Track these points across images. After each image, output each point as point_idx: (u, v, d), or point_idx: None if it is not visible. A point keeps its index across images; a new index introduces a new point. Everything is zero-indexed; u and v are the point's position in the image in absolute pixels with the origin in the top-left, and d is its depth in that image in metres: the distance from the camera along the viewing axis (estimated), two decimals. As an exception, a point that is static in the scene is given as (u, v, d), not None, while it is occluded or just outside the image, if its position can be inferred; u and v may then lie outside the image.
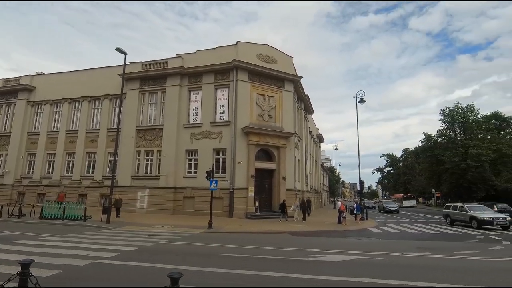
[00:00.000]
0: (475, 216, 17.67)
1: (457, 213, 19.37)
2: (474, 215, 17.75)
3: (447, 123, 44.36)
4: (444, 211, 21.69)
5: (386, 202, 42.12)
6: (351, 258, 8.33)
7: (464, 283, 5.93)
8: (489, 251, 10.04)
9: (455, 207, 20.22)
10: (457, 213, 19.37)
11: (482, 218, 17.30)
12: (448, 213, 20.57)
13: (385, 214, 33.99)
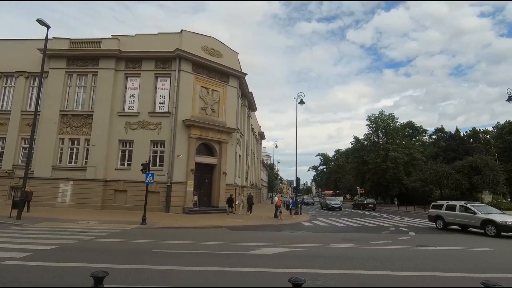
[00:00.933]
0: (492, 220, 13.52)
1: (458, 215, 15.35)
2: (491, 218, 13.69)
3: (372, 128, 49.79)
4: (433, 211, 17.20)
5: (330, 199, 39.61)
6: (284, 250, 8.75)
7: (381, 270, 6.74)
8: (399, 241, 11.58)
9: (451, 206, 16.06)
10: (458, 215, 15.35)
11: (505, 223, 13.11)
12: (439, 215, 16.39)
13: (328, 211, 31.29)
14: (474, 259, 8.46)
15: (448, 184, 34.77)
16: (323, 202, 38.03)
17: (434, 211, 17.12)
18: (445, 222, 16.01)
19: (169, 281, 5.46)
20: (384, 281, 5.85)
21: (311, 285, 5.24)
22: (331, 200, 37.66)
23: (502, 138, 53.81)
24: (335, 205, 34.03)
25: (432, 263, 7.59)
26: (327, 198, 40.84)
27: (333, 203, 34.52)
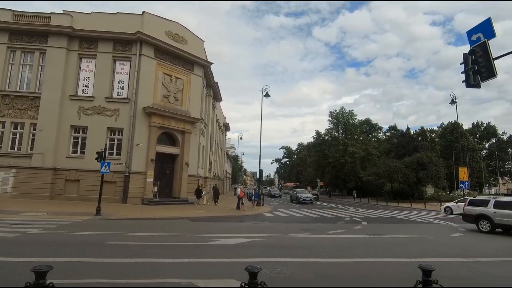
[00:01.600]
0: None
1: None
2: None
3: (333, 124, 51.93)
4: (472, 209, 13.19)
5: (301, 191, 34.25)
6: (244, 241, 8.84)
7: (334, 257, 7.11)
8: (353, 230, 12.33)
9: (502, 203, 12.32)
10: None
11: None
12: (484, 214, 12.48)
13: (299, 205, 28.17)
14: (417, 245, 9.30)
15: (398, 178, 37.67)
16: (293, 195, 33.27)
17: (473, 209, 13.11)
18: (494, 223, 12.16)
19: (124, 274, 5.23)
20: (336, 268, 6.19)
21: (268, 274, 5.37)
22: (302, 193, 32.87)
23: (444, 137, 59.53)
24: (307, 199, 30.12)
25: (379, 250, 8.20)
26: (297, 191, 34.60)
27: (304, 196, 30.53)
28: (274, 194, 45.63)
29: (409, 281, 2.78)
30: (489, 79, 6.84)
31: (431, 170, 36.05)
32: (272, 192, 47.69)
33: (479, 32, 6.88)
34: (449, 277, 5.68)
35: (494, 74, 6.60)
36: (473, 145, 62.52)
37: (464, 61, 7.13)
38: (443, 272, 6.08)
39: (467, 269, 6.43)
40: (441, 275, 5.76)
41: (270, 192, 46.75)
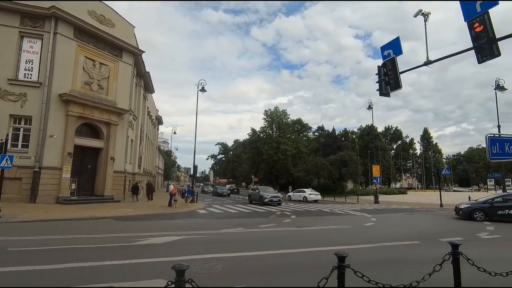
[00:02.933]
0: None
1: None
2: None
3: (268, 122, 53.83)
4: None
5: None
6: (175, 238, 8.55)
7: (264, 250, 7.40)
8: (283, 223, 13.02)
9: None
10: None
11: None
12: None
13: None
14: (337, 234, 10.33)
15: (324, 174, 41.22)
16: (254, 194, 25.77)
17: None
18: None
19: (34, 282, 4.52)
20: (266, 259, 6.47)
21: (199, 270, 5.30)
22: (265, 190, 25.55)
23: (362, 138, 67.49)
24: (274, 199, 23.52)
25: (306, 241, 8.86)
26: (260, 189, 26.62)
27: (271, 196, 23.71)
28: (222, 193, 37.92)
29: (328, 267, 3.07)
30: (396, 89, 7.99)
31: (351, 167, 40.39)
32: (218, 190, 39.39)
33: (390, 49, 7.97)
34: (360, 260, 6.45)
35: (399, 86, 7.74)
36: (385, 146, 72.34)
37: (378, 73, 8.17)
38: (356, 257, 6.90)
39: (373, 253, 7.42)
40: (354, 260, 6.56)
41: (216, 190, 39.51)
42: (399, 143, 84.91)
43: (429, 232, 10.75)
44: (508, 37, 6.13)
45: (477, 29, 6.38)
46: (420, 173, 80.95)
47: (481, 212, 14.51)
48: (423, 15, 7.90)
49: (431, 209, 21.38)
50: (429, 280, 3.73)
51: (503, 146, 3.42)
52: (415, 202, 29.46)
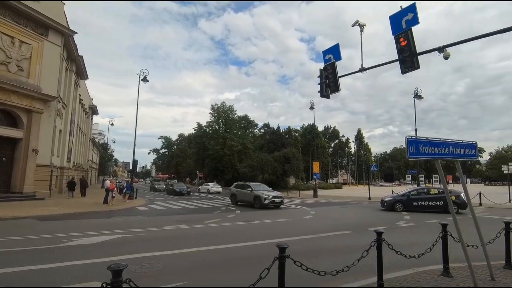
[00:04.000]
0: None
1: None
2: None
3: (215, 117, 53.35)
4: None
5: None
6: (112, 238, 7.98)
7: (212, 245, 7.36)
8: (227, 218, 13.09)
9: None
10: None
11: None
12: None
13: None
14: (280, 227, 10.79)
15: (268, 170, 42.52)
16: (245, 194, 19.54)
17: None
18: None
19: None
20: (209, 255, 6.46)
21: (138, 270, 5.06)
22: (261, 188, 19.71)
23: (305, 136, 71.19)
24: (277, 200, 18.16)
25: (250, 235, 9.07)
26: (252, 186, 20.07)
27: (274, 196, 18.07)
28: (180, 191, 29.82)
29: (271, 259, 3.21)
30: (335, 92, 8.64)
31: (294, 163, 42.43)
32: (176, 187, 30.78)
33: (331, 54, 8.58)
34: (300, 251, 6.88)
35: (338, 89, 8.39)
36: (324, 144, 77.55)
37: (320, 75, 8.74)
38: (297, 248, 7.33)
39: (312, 243, 7.98)
40: (295, 250, 6.97)
41: (173, 188, 30.93)
42: (337, 142, 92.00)
43: (360, 223, 11.93)
44: (425, 53, 7.13)
45: (402, 43, 7.28)
46: (354, 169, 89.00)
47: (400, 204, 16.63)
48: (360, 26, 8.71)
49: (361, 202, 23.70)
50: (358, 265, 4.18)
51: (418, 146, 4.00)
52: (348, 196, 32.30)
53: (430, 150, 4.17)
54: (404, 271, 5.19)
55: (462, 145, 4.74)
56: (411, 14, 7.09)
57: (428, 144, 4.17)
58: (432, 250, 5.00)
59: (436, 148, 4.27)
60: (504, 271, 5.27)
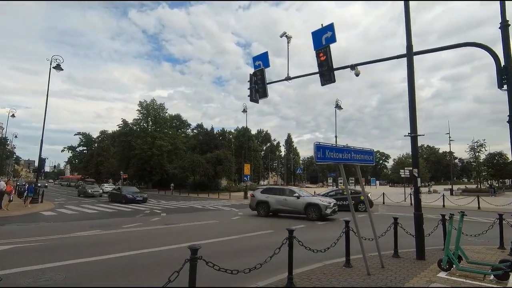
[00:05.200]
0: None
1: None
2: None
3: (143, 114, 50.02)
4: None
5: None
6: (3, 248, 6.77)
7: (126, 251, 6.84)
8: (150, 222, 12.39)
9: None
10: None
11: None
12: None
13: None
14: (205, 230, 10.69)
15: (200, 172, 41.77)
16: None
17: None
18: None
19: None
20: (121, 261, 6.03)
21: (31, 284, 4.41)
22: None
23: (238, 138, 72.38)
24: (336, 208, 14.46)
25: (171, 238, 8.76)
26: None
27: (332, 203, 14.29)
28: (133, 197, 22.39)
29: (181, 261, 3.17)
30: (264, 97, 9.05)
31: (226, 165, 42.59)
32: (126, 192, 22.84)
33: (260, 60, 8.96)
34: (221, 251, 6.95)
35: (266, 94, 8.81)
36: (256, 147, 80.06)
37: (250, 80, 9.04)
38: (219, 249, 7.38)
39: (235, 243, 8.14)
40: (216, 251, 7.02)
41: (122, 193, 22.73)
42: (268, 145, 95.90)
43: (282, 222, 12.62)
44: (340, 69, 8.06)
45: (322, 58, 8.07)
46: (283, 171, 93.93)
47: (320, 204, 18.18)
48: (287, 37, 9.37)
49: (287, 203, 25.13)
50: (273, 262, 4.45)
51: (325, 152, 4.49)
52: (276, 197, 33.90)
53: (335, 155, 4.70)
54: (313, 265, 5.70)
55: (362, 151, 5.47)
56: (330, 33, 7.93)
57: (334, 150, 4.71)
58: (337, 244, 5.61)
59: (340, 153, 4.84)
60: (393, 259, 6.23)
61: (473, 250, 7.06)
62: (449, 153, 65.69)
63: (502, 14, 6.69)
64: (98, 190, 31.33)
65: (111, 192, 25.26)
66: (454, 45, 7.46)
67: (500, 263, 5.00)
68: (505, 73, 6.47)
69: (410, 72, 6.45)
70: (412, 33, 6.65)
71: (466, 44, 7.09)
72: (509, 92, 6.51)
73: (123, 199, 22.06)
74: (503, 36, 6.65)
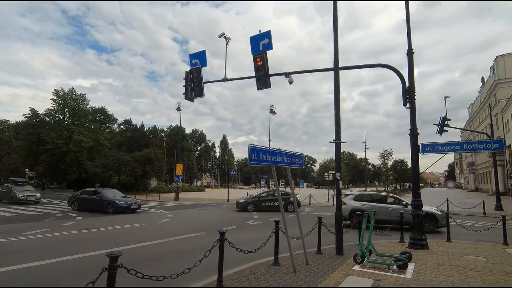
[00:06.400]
0: None
1: None
2: None
3: (59, 104, 43.84)
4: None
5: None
6: None
7: (27, 262, 5.81)
8: (63, 227, 10.88)
9: None
10: None
11: None
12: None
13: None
14: (129, 234, 9.86)
15: (126, 171, 38.53)
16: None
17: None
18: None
19: None
20: (24, 272, 5.13)
21: None
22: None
23: (171, 137, 69.32)
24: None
25: (88, 244, 7.82)
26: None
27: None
28: (128, 205, 16.86)
29: (98, 271, 2.83)
30: (200, 97, 8.83)
31: (156, 165, 40.25)
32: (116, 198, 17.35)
33: (197, 58, 8.74)
34: (146, 257, 6.49)
35: (202, 94, 8.62)
36: (190, 147, 77.87)
37: (186, 78, 8.72)
38: (144, 254, 6.89)
39: (163, 247, 7.70)
40: (140, 257, 6.54)
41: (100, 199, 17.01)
42: (203, 146, 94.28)
43: (214, 224, 12.50)
44: (275, 75, 8.41)
45: (259, 63, 8.31)
46: (218, 173, 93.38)
47: (252, 205, 18.63)
48: (225, 38, 9.37)
49: (220, 204, 25.03)
50: (203, 265, 4.32)
51: (259, 154, 4.60)
52: (209, 198, 33.45)
53: (268, 158, 4.86)
54: (243, 265, 5.75)
55: (293, 155, 5.78)
56: (267, 40, 8.22)
57: (267, 152, 4.86)
58: (267, 244, 5.78)
59: (273, 156, 5.02)
60: (316, 256, 6.71)
61: (381, 244, 8.09)
62: (364, 159, 74.60)
63: (408, 43, 7.93)
64: (34, 194, 21.47)
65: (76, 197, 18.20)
66: (372, 64, 8.53)
67: (401, 255, 5.84)
68: (409, 93, 7.66)
69: (336, 85, 7.10)
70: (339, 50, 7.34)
71: (381, 65, 8.15)
72: (411, 109, 7.73)
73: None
74: (409, 62, 7.87)
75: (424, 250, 7.31)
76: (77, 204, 17.64)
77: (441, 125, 16.06)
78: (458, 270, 5.69)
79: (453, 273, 5.46)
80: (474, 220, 14.27)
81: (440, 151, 8.25)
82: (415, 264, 6.00)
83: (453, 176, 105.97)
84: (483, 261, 6.41)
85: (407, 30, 8.03)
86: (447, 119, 16.59)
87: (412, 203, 7.84)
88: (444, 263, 6.20)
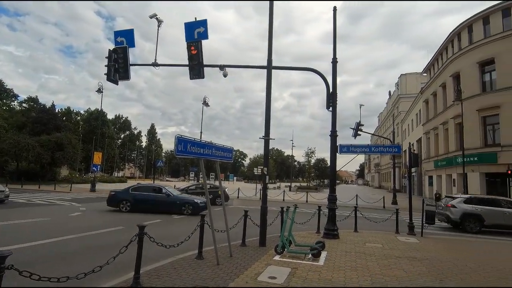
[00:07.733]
0: None
1: None
2: None
3: None
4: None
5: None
6: None
7: None
8: None
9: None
10: None
11: None
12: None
13: None
14: (28, 231, 8.46)
15: (29, 157, 32.92)
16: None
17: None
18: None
19: None
20: None
21: None
22: None
23: (89, 122, 61.95)
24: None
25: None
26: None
27: None
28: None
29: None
30: (125, 80, 8.05)
31: (68, 151, 35.49)
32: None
33: (124, 37, 7.93)
34: (48, 255, 5.67)
35: (128, 77, 7.88)
36: (113, 134, 70.91)
37: (108, 57, 7.82)
38: (45, 252, 6.00)
39: (70, 244, 6.85)
40: (41, 255, 5.68)
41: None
42: (127, 134, 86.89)
43: (135, 217, 11.64)
44: (210, 66, 8.23)
45: (193, 51, 7.99)
46: (144, 163, 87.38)
47: (178, 198, 17.99)
48: (157, 20, 8.71)
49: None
50: (118, 262, 3.96)
51: (187, 146, 4.44)
52: (131, 190, 31.09)
53: (196, 150, 4.72)
54: (163, 260, 5.51)
55: (222, 149, 5.75)
56: (203, 28, 7.94)
57: (196, 144, 4.72)
58: (192, 238, 5.64)
59: (202, 148, 4.91)
60: (241, 248, 6.86)
61: (300, 235, 8.74)
62: (291, 157, 79.58)
63: (333, 53, 8.70)
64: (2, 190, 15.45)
65: None
66: (302, 67, 9.09)
67: (316, 244, 6.42)
68: (332, 98, 8.41)
69: (268, 83, 7.33)
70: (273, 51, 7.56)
71: (310, 69, 8.74)
72: (333, 112, 8.51)
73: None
74: (333, 69, 8.64)
75: (336, 240, 8.19)
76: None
77: (356, 130, 18.17)
78: (360, 256, 6.54)
79: (356, 259, 6.25)
80: (376, 213, 16.59)
81: (354, 152, 9.33)
82: (327, 252, 6.67)
83: (363, 175, 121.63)
84: (380, 247, 7.51)
85: (333, 40, 8.80)
86: (361, 124, 18.86)
87: (328, 198, 8.67)
88: (350, 250, 7.05)
